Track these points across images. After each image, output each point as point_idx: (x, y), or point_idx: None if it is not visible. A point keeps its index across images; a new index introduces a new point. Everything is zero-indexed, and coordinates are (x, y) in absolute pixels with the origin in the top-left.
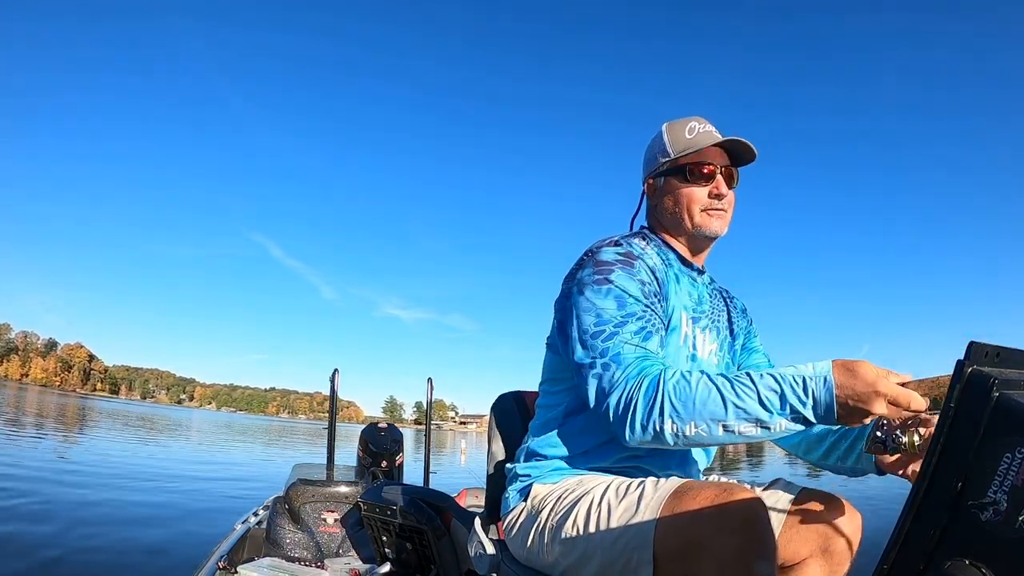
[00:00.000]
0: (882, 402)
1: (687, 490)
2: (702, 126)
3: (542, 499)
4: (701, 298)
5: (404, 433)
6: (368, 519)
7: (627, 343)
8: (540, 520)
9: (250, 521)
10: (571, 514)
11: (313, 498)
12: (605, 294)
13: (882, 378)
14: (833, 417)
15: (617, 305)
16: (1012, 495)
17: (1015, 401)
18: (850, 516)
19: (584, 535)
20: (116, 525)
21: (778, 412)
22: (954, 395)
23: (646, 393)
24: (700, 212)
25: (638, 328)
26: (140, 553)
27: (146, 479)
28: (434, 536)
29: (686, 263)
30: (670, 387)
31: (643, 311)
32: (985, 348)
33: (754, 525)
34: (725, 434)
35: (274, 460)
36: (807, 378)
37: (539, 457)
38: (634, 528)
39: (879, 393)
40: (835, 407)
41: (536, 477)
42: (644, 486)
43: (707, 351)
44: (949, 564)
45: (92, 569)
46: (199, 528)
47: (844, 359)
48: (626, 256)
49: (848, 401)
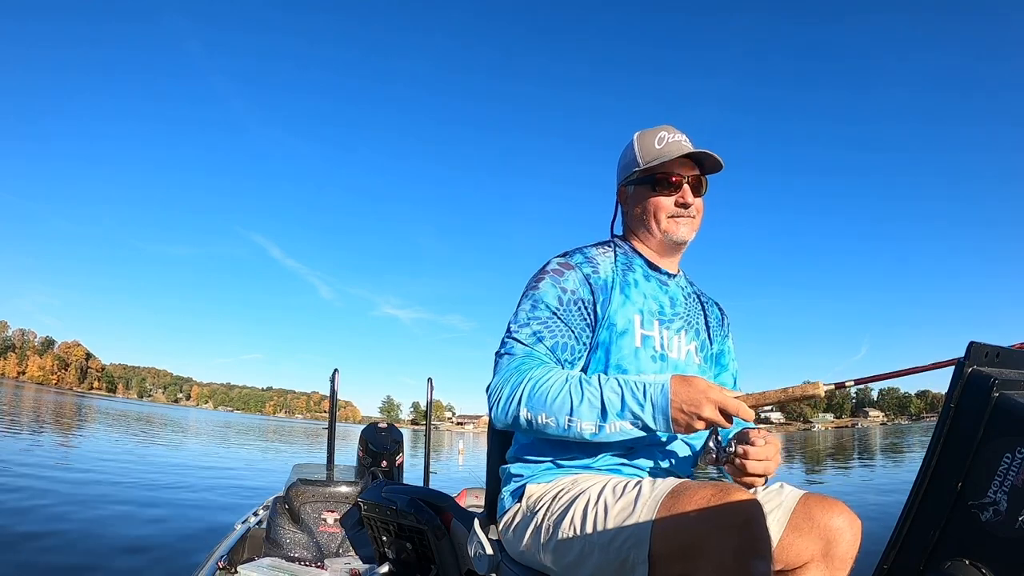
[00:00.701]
0: (712, 407)
1: (684, 490)
2: (672, 136)
3: (537, 499)
4: (674, 301)
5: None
6: (368, 519)
7: (520, 342)
8: (536, 520)
9: (250, 521)
10: (567, 514)
11: (313, 498)
12: (528, 298)
13: (714, 388)
14: (669, 422)
15: (530, 308)
16: (1012, 495)
17: (1015, 401)
18: (850, 521)
19: (581, 535)
20: (115, 524)
21: (617, 413)
22: (954, 395)
23: (513, 384)
24: (667, 219)
25: (534, 331)
26: (139, 553)
27: (144, 478)
28: (434, 536)
29: (654, 267)
30: (532, 381)
31: (548, 317)
32: (985, 348)
33: (751, 525)
34: (570, 428)
35: (271, 460)
36: (647, 384)
37: (532, 457)
38: (631, 528)
39: (709, 399)
40: (670, 412)
41: (529, 477)
42: (641, 486)
43: (683, 352)
44: (949, 564)
45: (91, 568)
46: (199, 528)
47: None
48: (562, 266)
49: (682, 407)
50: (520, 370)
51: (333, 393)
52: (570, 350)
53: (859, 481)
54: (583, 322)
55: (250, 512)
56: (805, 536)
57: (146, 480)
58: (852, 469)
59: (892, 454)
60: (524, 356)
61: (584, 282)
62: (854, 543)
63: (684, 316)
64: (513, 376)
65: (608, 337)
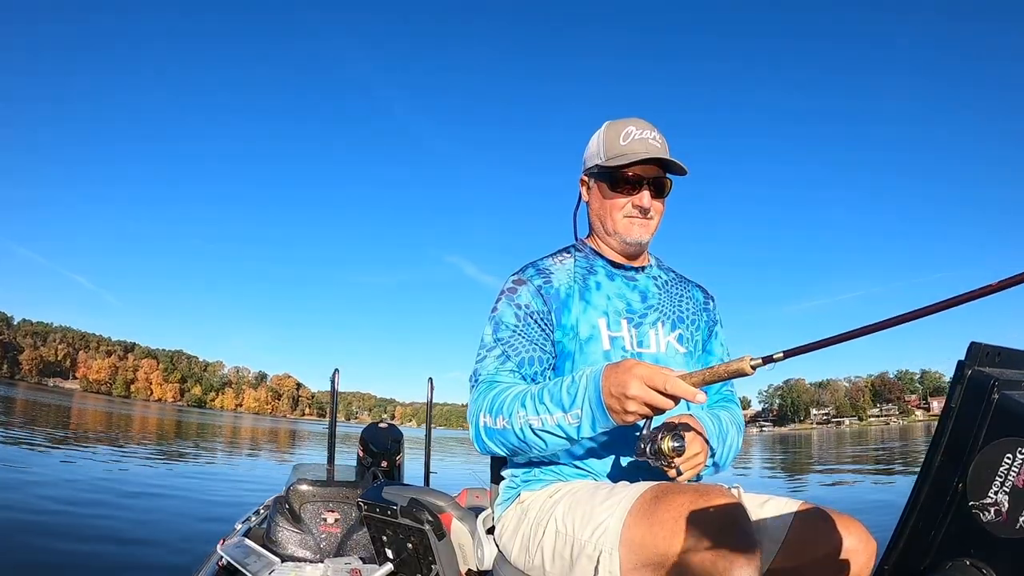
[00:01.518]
0: (638, 383)
1: (663, 494)
2: (639, 132)
3: (529, 504)
4: (645, 294)
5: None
6: (368, 519)
7: (485, 367)
8: (527, 525)
9: (251, 521)
10: (550, 520)
11: (313, 498)
12: (490, 322)
13: (642, 364)
14: (603, 408)
15: (492, 331)
16: (1013, 496)
17: (1015, 401)
18: (865, 542)
19: (561, 541)
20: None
21: (555, 403)
22: (955, 396)
23: (477, 402)
24: (622, 219)
25: (499, 352)
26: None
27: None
28: (434, 536)
29: (618, 265)
30: (493, 392)
31: (510, 336)
32: (986, 349)
33: (733, 531)
34: (522, 427)
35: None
36: (586, 375)
37: (526, 465)
38: (603, 534)
39: (635, 375)
40: (602, 397)
41: (524, 483)
42: (620, 490)
43: (662, 344)
44: (950, 565)
45: (89, 569)
46: (198, 527)
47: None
48: (515, 283)
49: (611, 389)
50: (484, 395)
51: (334, 393)
52: (537, 362)
53: (860, 480)
54: (543, 334)
55: (251, 512)
56: (816, 554)
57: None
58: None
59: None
60: (488, 381)
61: (536, 294)
62: (867, 564)
63: (659, 307)
64: (477, 401)
65: (575, 346)
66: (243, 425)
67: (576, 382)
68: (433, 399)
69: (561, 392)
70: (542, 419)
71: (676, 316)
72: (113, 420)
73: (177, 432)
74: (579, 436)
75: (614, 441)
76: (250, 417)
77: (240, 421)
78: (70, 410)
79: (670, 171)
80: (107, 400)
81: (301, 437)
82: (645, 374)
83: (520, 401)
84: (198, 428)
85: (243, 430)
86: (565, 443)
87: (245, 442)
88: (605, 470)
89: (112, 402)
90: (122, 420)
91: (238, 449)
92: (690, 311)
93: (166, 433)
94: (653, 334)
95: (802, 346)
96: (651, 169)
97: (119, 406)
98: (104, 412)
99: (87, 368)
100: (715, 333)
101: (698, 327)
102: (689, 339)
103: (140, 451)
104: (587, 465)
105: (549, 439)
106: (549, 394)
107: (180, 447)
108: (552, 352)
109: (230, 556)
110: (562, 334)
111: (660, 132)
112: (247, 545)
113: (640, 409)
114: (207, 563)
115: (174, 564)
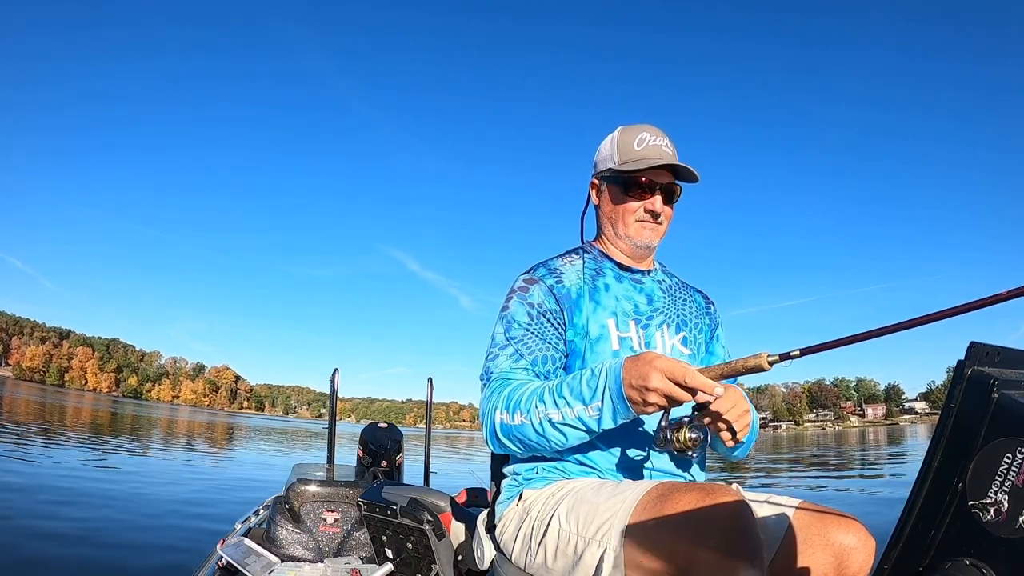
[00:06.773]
0: (659, 375)
1: (668, 492)
2: (653, 138)
3: (532, 502)
4: (651, 297)
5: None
6: (368, 519)
7: (499, 365)
8: (529, 524)
9: (250, 521)
10: (553, 517)
11: (313, 498)
12: (500, 321)
13: (662, 357)
14: (624, 400)
15: (504, 329)
16: (1013, 495)
17: (1015, 401)
18: (864, 541)
19: (564, 538)
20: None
21: (575, 396)
22: (954, 395)
23: (492, 408)
24: (634, 223)
25: (513, 351)
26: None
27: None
28: (434, 536)
29: (626, 268)
30: (508, 388)
31: (523, 335)
32: (985, 349)
33: (738, 530)
34: (541, 422)
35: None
36: (605, 368)
37: (528, 461)
38: (607, 532)
39: (655, 368)
40: (623, 389)
41: (527, 481)
42: (624, 488)
43: (667, 346)
44: (950, 564)
45: (89, 570)
46: (200, 526)
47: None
48: (527, 282)
49: (632, 381)
50: (499, 392)
51: (333, 393)
52: (550, 360)
53: (862, 481)
54: (555, 332)
55: (250, 512)
56: (815, 553)
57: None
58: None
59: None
60: (502, 379)
61: (548, 293)
62: (867, 563)
63: (664, 310)
64: (492, 398)
65: (585, 346)
66: (179, 418)
67: (596, 375)
68: (433, 399)
69: (581, 385)
70: (562, 412)
71: (680, 319)
72: (46, 410)
73: (112, 426)
74: (599, 428)
75: (619, 437)
76: (187, 409)
77: (176, 413)
78: (1, 399)
79: (680, 178)
80: (40, 388)
81: (240, 432)
82: (666, 367)
83: (538, 396)
84: (133, 421)
85: (179, 423)
86: (585, 436)
87: (181, 437)
88: (610, 466)
89: (45, 391)
90: (56, 410)
91: (173, 445)
92: (693, 315)
93: (101, 426)
94: (659, 336)
95: (819, 344)
96: (664, 175)
97: (52, 395)
98: (37, 402)
99: (20, 355)
100: (716, 336)
101: (700, 330)
102: (692, 341)
103: (80, 444)
104: (591, 461)
105: (569, 432)
106: (568, 387)
107: (118, 441)
108: (564, 351)
109: (230, 556)
110: (573, 333)
111: (671, 139)
112: (247, 545)
113: (660, 401)
114: (207, 563)
115: (174, 564)
